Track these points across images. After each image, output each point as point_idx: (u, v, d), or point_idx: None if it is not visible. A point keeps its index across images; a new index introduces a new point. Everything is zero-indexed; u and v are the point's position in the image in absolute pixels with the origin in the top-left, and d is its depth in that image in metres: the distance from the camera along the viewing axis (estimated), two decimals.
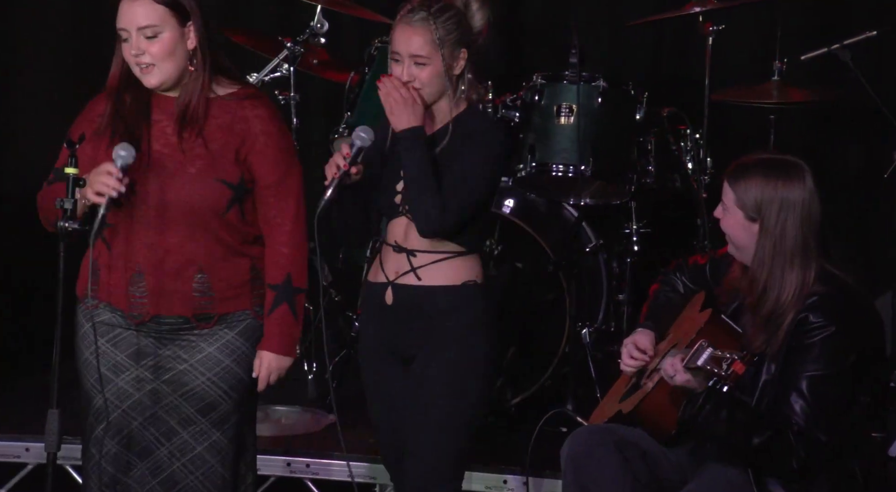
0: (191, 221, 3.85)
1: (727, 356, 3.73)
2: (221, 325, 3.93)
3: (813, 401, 3.80)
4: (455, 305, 3.92)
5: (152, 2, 3.80)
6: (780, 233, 3.89)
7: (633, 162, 5.77)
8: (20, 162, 6.68)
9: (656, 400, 3.98)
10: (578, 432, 4.20)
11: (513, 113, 5.85)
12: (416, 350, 3.97)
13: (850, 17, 6.38)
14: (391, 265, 3.96)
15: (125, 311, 3.88)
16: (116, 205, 3.74)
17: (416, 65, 3.85)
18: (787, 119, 6.14)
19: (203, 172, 3.84)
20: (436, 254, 3.90)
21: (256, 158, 3.89)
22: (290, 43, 5.93)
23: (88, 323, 3.90)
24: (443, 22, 3.84)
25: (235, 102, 3.89)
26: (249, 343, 3.95)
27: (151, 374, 3.89)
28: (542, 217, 5.97)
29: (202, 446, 3.93)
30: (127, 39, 3.82)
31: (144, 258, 3.86)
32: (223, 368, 3.93)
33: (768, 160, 3.99)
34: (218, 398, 3.92)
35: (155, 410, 3.90)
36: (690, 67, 6.44)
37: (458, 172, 3.85)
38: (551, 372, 5.70)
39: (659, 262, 6.02)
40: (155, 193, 3.84)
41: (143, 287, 3.86)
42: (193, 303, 3.89)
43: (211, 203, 3.85)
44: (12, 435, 5.36)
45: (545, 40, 6.69)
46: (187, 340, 3.91)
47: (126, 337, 3.89)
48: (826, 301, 3.86)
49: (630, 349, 4.12)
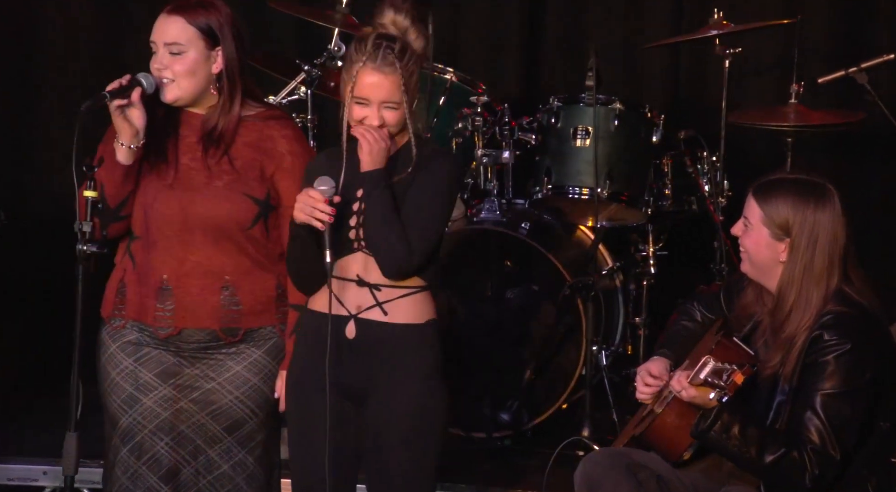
0: (217, 235, 3.88)
1: (728, 368, 3.75)
2: (248, 342, 3.94)
3: (827, 419, 3.79)
4: (420, 345, 3.84)
5: (186, 22, 3.87)
6: (810, 255, 3.89)
7: (649, 184, 5.77)
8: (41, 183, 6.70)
9: (666, 422, 3.98)
10: (592, 455, 4.20)
11: (529, 135, 5.86)
12: (372, 386, 3.84)
13: (868, 40, 6.39)
14: (351, 299, 3.84)
15: (153, 326, 3.89)
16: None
17: (386, 109, 3.80)
18: (804, 142, 6.14)
19: (230, 186, 3.88)
20: (401, 289, 3.83)
21: (282, 176, 3.93)
22: (308, 66, 5.95)
23: (115, 344, 3.91)
24: (406, 66, 3.79)
25: (261, 122, 3.95)
26: (276, 362, 3.97)
27: (179, 392, 3.90)
28: (558, 239, 5.97)
29: (228, 465, 3.94)
30: (155, 52, 3.88)
31: (172, 271, 3.88)
32: (250, 386, 3.94)
33: (800, 181, 3.96)
34: (244, 417, 3.94)
35: (181, 429, 3.91)
36: (707, 90, 6.45)
37: (419, 209, 3.80)
38: (568, 395, 5.70)
39: (675, 284, 6.04)
40: (182, 207, 3.86)
41: (171, 300, 3.87)
42: (221, 316, 3.90)
43: (237, 217, 3.88)
44: (30, 458, 5.37)
45: (562, 63, 6.70)
46: (215, 358, 3.92)
47: (154, 356, 3.90)
48: (841, 319, 3.85)
49: (643, 376, 4.12)
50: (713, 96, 6.13)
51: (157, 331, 3.89)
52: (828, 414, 3.79)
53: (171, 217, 3.86)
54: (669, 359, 4.16)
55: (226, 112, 3.90)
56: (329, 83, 6.16)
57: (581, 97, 5.76)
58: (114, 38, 6.76)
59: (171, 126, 3.93)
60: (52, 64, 6.79)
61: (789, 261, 3.90)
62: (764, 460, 3.80)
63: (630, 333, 6.02)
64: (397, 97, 3.79)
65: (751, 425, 3.82)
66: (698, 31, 6.02)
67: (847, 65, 5.84)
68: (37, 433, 5.61)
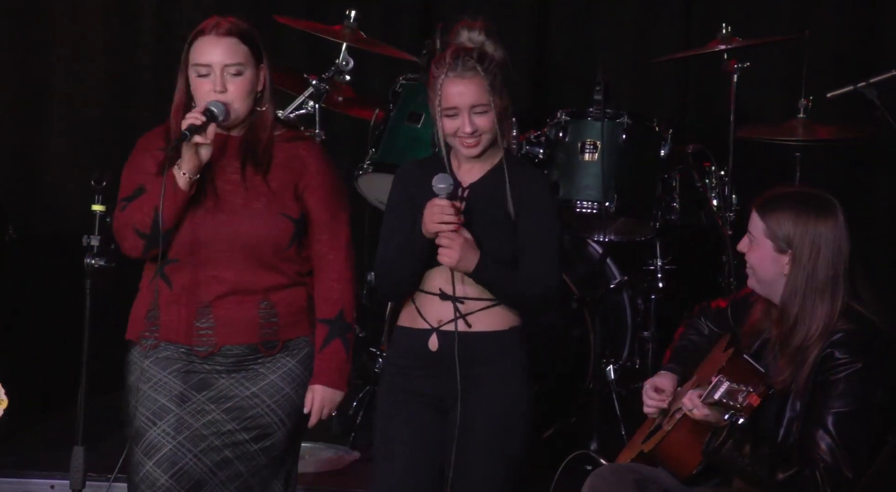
0: (255, 255, 3.91)
1: (743, 389, 3.74)
2: (284, 352, 3.98)
3: (839, 438, 3.79)
4: (503, 351, 3.93)
5: (240, 41, 3.90)
6: (812, 267, 3.89)
7: (657, 199, 5.77)
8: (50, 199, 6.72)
9: (677, 438, 3.98)
10: (600, 471, 4.19)
11: (537, 149, 5.86)
12: (464, 397, 3.91)
13: (876, 55, 6.39)
14: (433, 312, 3.93)
15: (191, 345, 3.91)
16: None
17: (475, 114, 3.87)
18: (812, 156, 6.13)
19: (268, 207, 3.92)
20: (482, 301, 3.90)
21: (312, 194, 3.98)
22: (316, 80, 5.95)
23: (148, 359, 3.92)
24: (489, 69, 3.88)
25: (288, 143, 3.99)
26: (308, 372, 4.00)
27: (213, 403, 3.92)
28: (566, 253, 5.97)
29: (250, 474, 3.96)
30: (208, 74, 3.88)
31: (210, 291, 3.90)
32: (283, 395, 3.97)
33: (802, 194, 3.98)
34: (273, 425, 3.96)
35: (210, 440, 3.92)
36: (715, 104, 6.45)
37: (538, 241, 3.88)
38: (576, 409, 5.69)
39: (684, 299, 6.04)
40: (221, 229, 3.89)
41: (211, 319, 3.90)
42: (260, 330, 3.93)
43: (275, 238, 3.92)
44: (38, 472, 5.38)
45: (570, 77, 6.71)
46: (252, 369, 3.95)
47: (188, 368, 3.92)
48: (852, 338, 3.85)
49: (650, 390, 4.12)
50: (721, 110, 6.13)
51: (196, 350, 3.91)
52: (840, 433, 3.78)
53: (212, 239, 3.89)
54: (677, 374, 4.16)
55: (267, 130, 3.94)
56: (337, 97, 6.17)
57: (589, 111, 5.77)
58: (124, 55, 6.77)
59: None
60: (61, 80, 6.81)
61: (792, 273, 3.91)
62: (776, 479, 3.79)
63: (638, 347, 6.01)
64: (485, 99, 3.86)
65: (762, 443, 3.82)
66: (707, 46, 6.02)
67: (856, 80, 5.83)
68: (45, 448, 5.62)
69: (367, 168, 5.87)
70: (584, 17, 6.72)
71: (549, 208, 3.93)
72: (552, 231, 3.92)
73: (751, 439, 3.80)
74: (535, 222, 3.88)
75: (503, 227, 3.90)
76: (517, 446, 3.96)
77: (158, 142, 3.95)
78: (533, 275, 3.87)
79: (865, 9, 6.48)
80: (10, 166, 6.84)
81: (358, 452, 5.63)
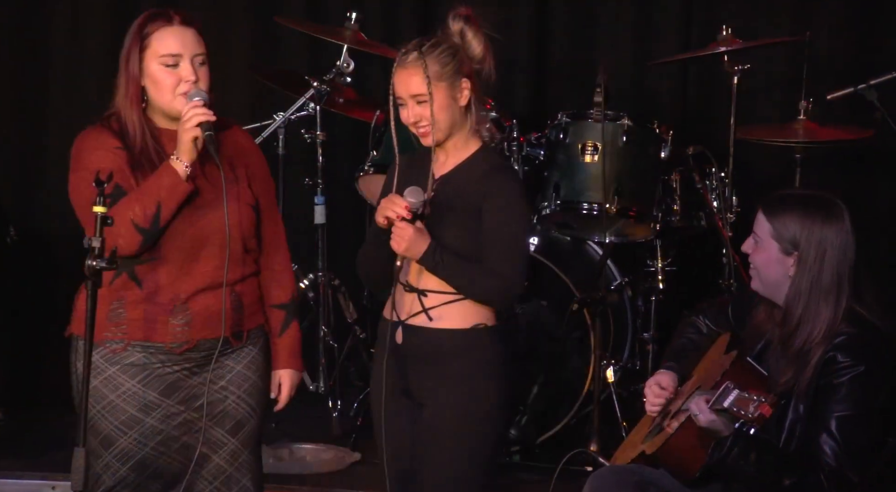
0: (223, 246, 3.87)
1: (754, 399, 3.71)
2: (247, 341, 3.97)
3: (843, 441, 3.79)
4: (463, 350, 3.90)
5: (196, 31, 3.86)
6: (817, 269, 3.89)
7: (658, 200, 5.78)
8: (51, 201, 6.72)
9: (681, 441, 3.97)
10: (600, 473, 4.19)
11: (537, 151, 5.87)
12: (426, 393, 3.94)
13: (877, 56, 6.39)
14: (404, 305, 3.95)
15: (166, 342, 3.89)
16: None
17: (418, 104, 3.87)
18: (813, 158, 6.13)
19: (234, 198, 3.89)
20: (447, 294, 3.90)
21: (257, 180, 3.98)
22: (317, 82, 5.96)
23: (114, 366, 3.90)
24: (435, 56, 3.85)
25: (226, 129, 3.93)
26: (267, 358, 4.01)
27: (182, 405, 3.91)
28: (566, 255, 5.97)
29: (233, 467, 3.95)
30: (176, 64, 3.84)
31: (187, 287, 3.88)
32: (251, 384, 3.97)
33: (809, 196, 3.99)
34: (246, 415, 3.96)
35: (185, 440, 3.91)
36: (716, 106, 6.45)
37: (499, 237, 3.86)
38: (576, 410, 5.70)
39: (684, 300, 6.04)
40: (195, 224, 3.86)
41: (188, 314, 3.88)
42: (231, 322, 3.92)
43: (245, 229, 3.91)
44: (39, 473, 5.38)
45: (570, 78, 6.71)
46: (219, 361, 3.94)
47: (156, 374, 3.90)
48: (854, 341, 3.85)
49: (652, 389, 4.12)
50: (722, 112, 6.14)
51: (171, 347, 3.89)
52: (843, 437, 3.78)
53: (181, 234, 3.85)
54: (676, 372, 4.16)
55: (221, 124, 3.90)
56: (338, 99, 6.18)
57: (589, 113, 5.77)
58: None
59: (161, 143, 3.89)
60: (61, 81, 6.81)
61: (797, 275, 3.91)
62: (782, 485, 3.79)
63: (638, 349, 6.02)
64: (423, 89, 3.84)
65: (767, 450, 3.81)
66: (707, 48, 6.02)
67: (856, 81, 5.83)
68: (46, 448, 5.62)
69: (368, 169, 5.87)
70: (584, 18, 6.72)
71: (513, 204, 3.87)
72: (515, 226, 3.87)
73: (756, 446, 3.80)
74: (497, 217, 3.85)
75: (465, 219, 3.87)
76: (475, 447, 3.91)
77: (110, 140, 3.88)
78: (492, 268, 3.85)
79: (865, 10, 6.48)
80: (10, 167, 6.84)
81: (358, 453, 5.64)
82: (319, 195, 6.12)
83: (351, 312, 6.16)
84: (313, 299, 6.17)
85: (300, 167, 6.46)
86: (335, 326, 6.20)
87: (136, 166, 3.85)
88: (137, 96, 3.89)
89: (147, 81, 3.88)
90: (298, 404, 5.90)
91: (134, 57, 3.88)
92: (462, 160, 3.94)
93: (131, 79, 3.88)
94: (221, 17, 6.84)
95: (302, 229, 6.47)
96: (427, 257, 3.84)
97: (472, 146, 3.94)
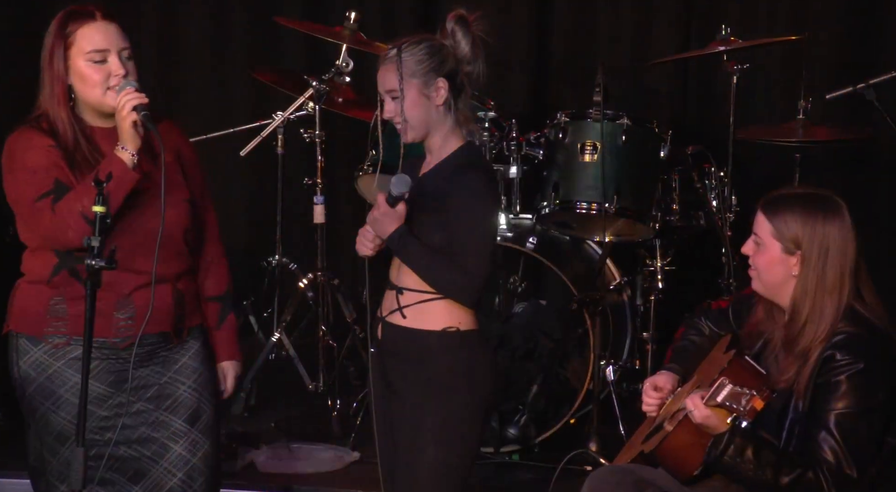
0: (169, 243, 3.86)
1: (746, 392, 3.73)
2: (188, 338, 3.98)
3: (842, 438, 3.78)
4: (434, 353, 3.90)
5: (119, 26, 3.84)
6: (822, 267, 3.89)
7: (657, 200, 5.78)
8: None
9: (678, 440, 3.97)
10: (598, 472, 4.18)
11: (537, 150, 5.87)
12: (402, 390, 3.95)
13: (876, 56, 6.39)
14: (386, 301, 3.98)
15: (109, 337, 3.87)
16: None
17: (392, 100, 3.90)
18: (812, 158, 6.14)
19: (171, 193, 3.84)
20: (421, 293, 3.90)
21: (190, 171, 3.97)
22: (316, 81, 5.96)
23: (59, 362, 3.88)
24: (411, 54, 3.87)
25: (158, 124, 3.86)
26: (210, 352, 4.03)
27: (133, 395, 3.89)
28: (566, 254, 5.97)
29: (196, 457, 3.94)
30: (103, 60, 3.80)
31: (129, 282, 3.85)
32: (200, 374, 3.97)
33: (809, 195, 3.98)
34: (201, 406, 3.96)
35: (141, 430, 3.90)
36: (715, 106, 6.45)
37: (461, 232, 3.85)
38: (575, 410, 5.70)
39: (683, 299, 6.04)
40: (136, 219, 3.84)
41: (131, 309, 3.86)
42: (173, 318, 3.92)
43: (183, 223, 3.90)
44: None
45: (569, 78, 6.71)
46: (161, 356, 3.93)
47: (104, 367, 3.88)
48: (853, 339, 3.85)
49: (649, 388, 4.12)
50: (721, 112, 6.14)
51: (115, 342, 3.88)
52: (842, 434, 3.78)
53: (128, 231, 3.82)
54: (677, 373, 4.16)
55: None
56: (337, 99, 6.18)
57: (589, 112, 5.77)
58: None
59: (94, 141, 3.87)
60: None
61: (801, 274, 3.90)
62: (780, 483, 3.78)
63: (638, 348, 6.01)
64: (394, 85, 3.87)
65: (764, 447, 3.81)
66: (706, 47, 6.02)
67: (855, 81, 5.84)
68: None
69: (367, 169, 5.87)
70: (584, 18, 6.72)
71: (474, 200, 3.85)
72: (476, 222, 3.85)
73: (753, 443, 3.79)
74: (458, 213, 3.84)
75: (434, 217, 3.87)
76: (439, 452, 3.89)
77: (42, 139, 3.83)
78: (454, 262, 3.84)
79: (865, 10, 6.49)
80: None
81: (357, 452, 5.64)
82: (319, 195, 6.12)
83: (350, 312, 6.16)
84: (312, 299, 6.17)
85: (299, 167, 6.47)
86: (334, 325, 6.20)
87: (72, 165, 3.83)
88: (64, 95, 3.86)
89: (74, 79, 3.85)
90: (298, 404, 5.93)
91: (58, 55, 3.84)
92: (442, 159, 3.95)
93: (56, 78, 3.85)
94: (221, 17, 6.84)
95: (301, 229, 6.49)
96: (394, 238, 3.86)
97: (452, 145, 3.94)
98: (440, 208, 3.86)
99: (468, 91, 3.95)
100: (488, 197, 3.90)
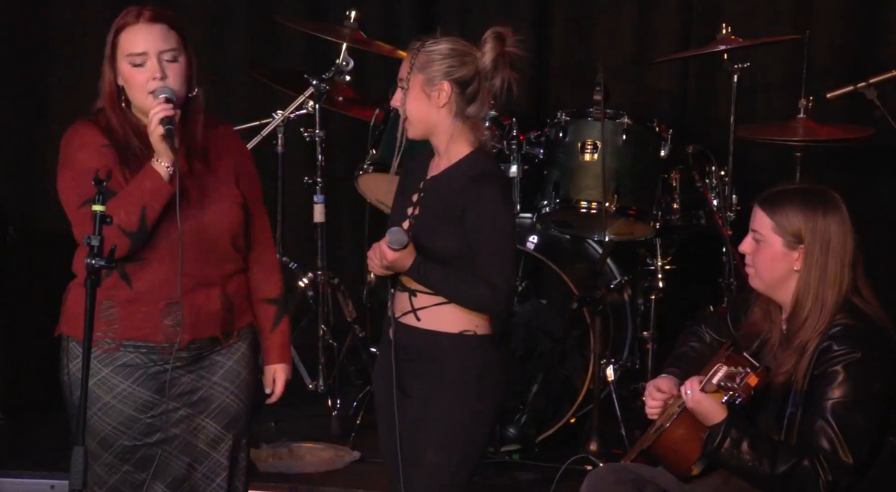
0: (217, 247, 3.89)
1: (741, 371, 3.74)
2: (237, 339, 3.99)
3: (838, 426, 3.78)
4: (449, 355, 3.91)
5: (168, 27, 3.84)
6: (824, 260, 3.90)
7: (657, 199, 5.77)
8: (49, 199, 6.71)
9: (674, 435, 3.98)
10: (598, 471, 4.19)
11: (537, 149, 5.86)
12: (414, 390, 3.96)
13: (877, 55, 6.39)
14: (398, 303, 3.99)
15: (159, 342, 3.89)
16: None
17: (400, 89, 3.93)
18: (812, 157, 6.14)
19: (222, 197, 3.90)
20: (434, 297, 3.91)
21: (246, 177, 3.98)
22: (316, 81, 5.96)
23: (107, 368, 3.90)
24: (428, 51, 3.89)
25: (213, 129, 3.94)
26: (254, 353, 4.04)
27: (177, 402, 3.92)
28: (566, 253, 5.97)
29: (229, 463, 3.98)
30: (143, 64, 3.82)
31: (177, 286, 3.86)
32: (242, 379, 3.99)
33: (806, 189, 3.99)
34: (239, 410, 3.98)
35: (184, 437, 3.93)
36: (715, 105, 6.45)
37: (484, 246, 3.86)
38: (576, 409, 5.70)
39: (684, 299, 6.04)
40: (183, 224, 3.83)
41: (180, 314, 3.87)
42: (222, 321, 3.94)
43: (233, 227, 3.92)
44: (38, 472, 5.38)
45: (570, 77, 6.71)
46: (210, 359, 3.95)
47: (151, 374, 3.91)
48: (850, 331, 3.85)
49: (651, 392, 4.12)
50: (721, 111, 6.14)
51: (163, 347, 3.89)
52: (838, 422, 3.78)
53: (171, 233, 3.83)
54: (678, 377, 4.15)
55: (202, 116, 3.89)
56: (337, 98, 6.18)
57: (589, 111, 5.77)
58: None
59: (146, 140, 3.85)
60: (61, 81, 6.81)
61: (804, 268, 3.91)
62: (777, 472, 3.79)
63: (638, 348, 6.01)
64: (404, 75, 3.91)
65: (760, 438, 3.82)
66: (707, 46, 6.02)
67: (856, 80, 5.84)
68: (45, 448, 5.62)
69: (367, 168, 5.87)
70: (584, 17, 6.72)
71: (493, 212, 3.87)
72: (497, 234, 3.87)
73: (748, 435, 3.80)
74: (479, 226, 3.85)
75: (451, 225, 3.88)
76: (450, 453, 3.90)
77: (98, 138, 3.86)
78: (480, 276, 3.85)
79: (865, 9, 6.48)
80: (10, 167, 6.84)
81: (358, 451, 5.63)
82: (319, 194, 6.11)
83: (350, 311, 6.16)
84: (312, 298, 6.16)
85: (299, 166, 6.46)
86: (334, 324, 6.20)
87: (123, 163, 3.85)
88: (114, 96, 3.88)
89: (122, 81, 3.87)
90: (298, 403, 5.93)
91: (109, 57, 3.88)
92: (451, 164, 3.95)
93: (107, 79, 3.88)
94: (221, 17, 6.84)
95: (301, 228, 6.48)
96: (412, 271, 3.87)
97: (461, 149, 3.94)
98: (455, 216, 3.87)
99: (484, 103, 3.94)
100: (504, 206, 3.91)
